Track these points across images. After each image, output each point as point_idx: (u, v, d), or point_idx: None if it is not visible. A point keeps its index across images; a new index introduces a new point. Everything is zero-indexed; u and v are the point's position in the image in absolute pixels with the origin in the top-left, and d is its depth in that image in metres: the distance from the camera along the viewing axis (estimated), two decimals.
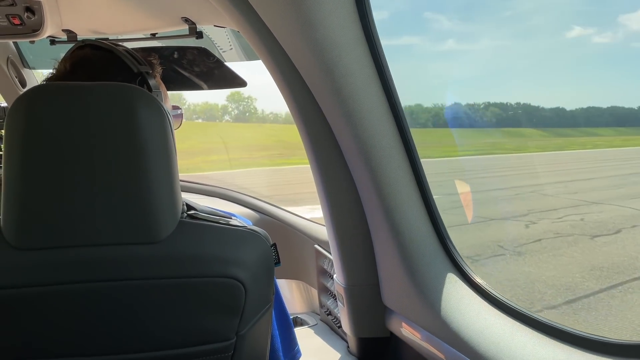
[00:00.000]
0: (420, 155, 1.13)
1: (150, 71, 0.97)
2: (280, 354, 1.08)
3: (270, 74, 1.20)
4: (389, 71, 1.08)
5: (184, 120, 1.23)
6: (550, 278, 4.30)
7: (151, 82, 0.95)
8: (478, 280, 1.08)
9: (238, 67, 1.59)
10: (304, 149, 1.27)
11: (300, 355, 1.14)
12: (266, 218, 2.12)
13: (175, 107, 1.19)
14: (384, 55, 1.07)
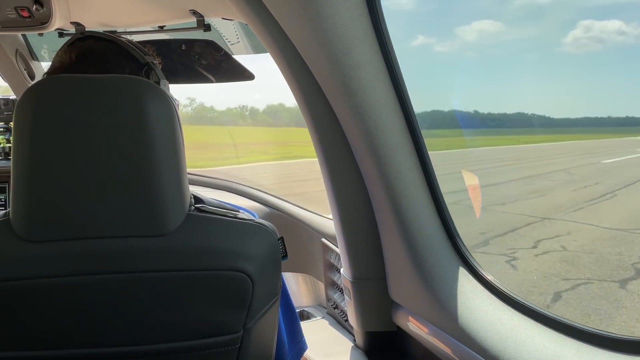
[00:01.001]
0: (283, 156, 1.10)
1: (155, 62, 0.97)
2: (286, 346, 1.08)
3: (278, 67, 1.19)
4: (397, 64, 1.07)
5: None
6: None
7: (158, 72, 0.95)
8: (486, 275, 1.07)
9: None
10: (312, 143, 1.27)
11: (306, 347, 1.14)
12: (273, 211, 2.12)
13: None
14: (393, 48, 1.06)
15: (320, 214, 1.93)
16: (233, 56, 1.49)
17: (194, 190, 0.89)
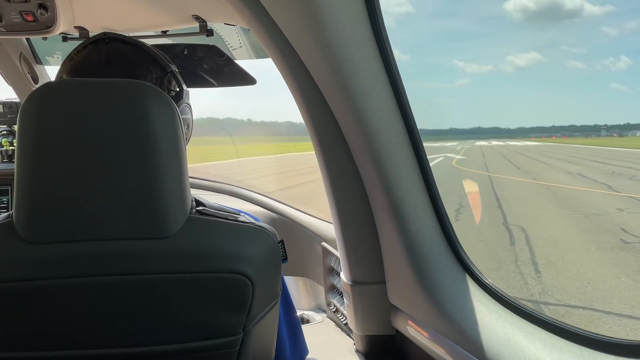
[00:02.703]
0: None
1: (178, 69, 0.98)
2: (287, 350, 1.08)
3: (280, 71, 1.20)
4: (397, 69, 1.08)
5: None
6: None
7: (180, 80, 0.96)
8: (485, 279, 1.08)
9: None
10: (313, 148, 1.27)
11: (307, 352, 1.15)
12: (274, 215, 2.13)
13: None
14: (392, 53, 1.07)
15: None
16: (235, 61, 1.50)
17: (196, 193, 0.90)
